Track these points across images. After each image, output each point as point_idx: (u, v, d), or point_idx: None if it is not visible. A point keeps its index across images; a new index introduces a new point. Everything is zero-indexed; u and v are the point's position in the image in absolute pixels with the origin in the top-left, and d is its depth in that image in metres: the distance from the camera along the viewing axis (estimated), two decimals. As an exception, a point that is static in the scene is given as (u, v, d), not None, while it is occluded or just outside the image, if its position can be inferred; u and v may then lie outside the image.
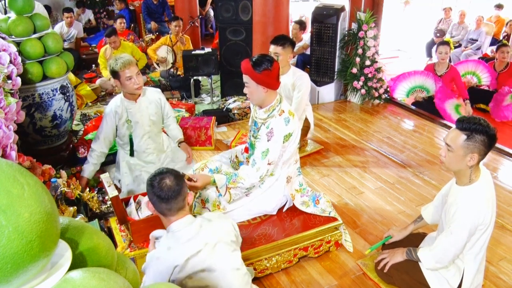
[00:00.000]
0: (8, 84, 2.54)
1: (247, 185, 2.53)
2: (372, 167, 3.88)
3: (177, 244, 1.76)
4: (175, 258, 1.74)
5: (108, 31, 5.83)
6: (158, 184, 1.75)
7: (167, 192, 1.74)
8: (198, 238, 1.78)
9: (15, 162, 1.34)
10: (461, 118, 1.97)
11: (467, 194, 2.02)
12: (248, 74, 2.44)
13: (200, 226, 1.81)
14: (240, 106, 5.00)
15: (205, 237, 1.79)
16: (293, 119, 2.52)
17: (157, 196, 1.75)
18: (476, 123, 1.91)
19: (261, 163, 2.49)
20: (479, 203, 1.99)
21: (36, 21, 3.34)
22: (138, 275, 1.09)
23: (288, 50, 3.59)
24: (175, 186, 1.75)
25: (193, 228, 1.79)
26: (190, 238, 1.76)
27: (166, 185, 1.74)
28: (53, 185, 2.72)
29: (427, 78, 5.00)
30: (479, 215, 1.98)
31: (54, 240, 0.75)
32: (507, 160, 4.05)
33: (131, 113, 3.08)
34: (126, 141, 3.19)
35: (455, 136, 1.96)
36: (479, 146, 1.91)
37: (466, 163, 1.97)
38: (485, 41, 7.75)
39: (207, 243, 1.79)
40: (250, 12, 5.04)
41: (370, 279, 2.54)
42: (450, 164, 2.03)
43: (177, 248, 1.76)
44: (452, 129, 2.01)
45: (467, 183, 2.03)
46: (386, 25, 6.52)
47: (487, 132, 1.90)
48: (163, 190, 1.74)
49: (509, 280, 2.57)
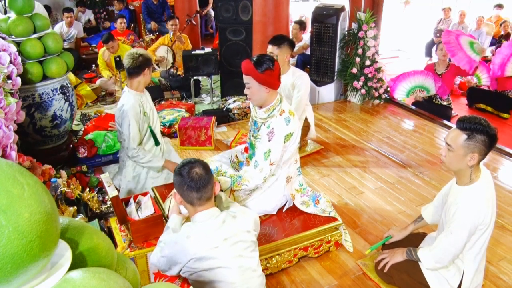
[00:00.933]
0: (8, 84, 2.54)
1: (252, 186, 2.55)
2: (372, 167, 3.88)
3: (197, 234, 1.78)
4: (192, 248, 1.76)
5: (104, 37, 5.69)
6: (188, 173, 1.78)
7: (197, 181, 1.77)
8: (219, 233, 1.79)
9: (15, 162, 1.34)
10: (461, 118, 1.98)
11: (468, 194, 2.02)
12: (251, 75, 2.43)
13: (223, 222, 1.82)
14: (240, 106, 5.00)
15: (226, 233, 1.81)
16: (293, 118, 2.52)
17: (188, 185, 1.77)
18: (477, 123, 1.91)
19: (264, 164, 2.50)
20: (479, 203, 1.99)
21: (36, 21, 3.34)
22: (138, 275, 1.08)
23: (285, 50, 3.58)
24: (205, 175, 1.78)
25: (217, 222, 1.81)
26: (210, 231, 1.78)
27: (197, 173, 1.78)
28: (53, 185, 2.72)
29: (427, 77, 5.00)
30: (479, 215, 1.98)
31: (54, 240, 0.75)
32: (507, 160, 4.05)
33: (143, 104, 3.11)
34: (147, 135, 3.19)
35: (456, 136, 1.96)
36: (480, 146, 1.92)
37: (466, 163, 1.97)
38: (485, 42, 7.74)
39: (226, 239, 1.80)
40: (250, 12, 5.04)
41: (370, 279, 2.54)
42: (450, 163, 2.03)
43: (196, 238, 1.77)
44: (453, 129, 2.01)
45: (468, 183, 2.03)
46: (386, 25, 6.52)
47: (488, 132, 1.90)
48: (194, 178, 1.77)
49: (509, 280, 2.57)
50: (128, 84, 3.05)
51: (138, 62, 2.94)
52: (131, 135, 2.98)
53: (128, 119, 2.95)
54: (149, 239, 2.47)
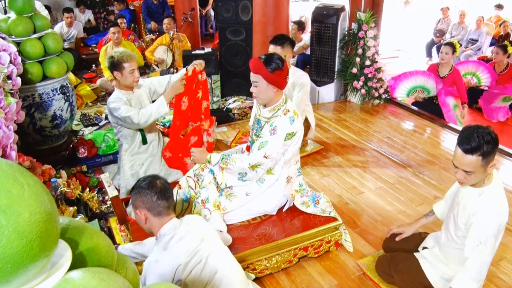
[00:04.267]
0: (8, 84, 2.54)
1: (237, 168, 2.53)
2: (372, 167, 3.88)
3: (171, 244, 1.80)
4: (174, 257, 1.76)
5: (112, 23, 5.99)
6: (151, 185, 1.83)
7: (164, 190, 1.84)
8: (191, 235, 1.83)
9: (15, 162, 1.34)
10: (464, 141, 1.89)
11: (486, 199, 1.99)
12: (260, 74, 2.41)
13: (187, 224, 1.88)
14: (240, 106, 5.00)
15: (198, 233, 1.86)
16: (297, 119, 2.52)
17: (157, 195, 1.82)
18: (479, 138, 1.86)
19: (257, 153, 2.49)
20: (500, 205, 1.97)
21: (36, 21, 3.34)
22: (138, 275, 1.08)
23: (287, 49, 3.58)
24: (167, 184, 1.87)
25: (183, 228, 1.86)
26: (182, 237, 1.82)
27: (161, 183, 1.85)
28: (53, 185, 2.72)
29: (429, 78, 4.99)
30: (502, 216, 1.96)
31: (54, 240, 0.75)
32: (507, 160, 4.05)
33: (132, 102, 3.12)
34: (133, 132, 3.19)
35: (471, 161, 1.89)
36: (492, 153, 1.90)
37: (487, 173, 1.97)
38: (485, 42, 7.74)
39: (202, 238, 1.85)
40: (250, 12, 5.04)
41: (370, 279, 2.53)
42: (472, 182, 1.99)
43: (173, 247, 1.79)
44: (461, 154, 1.90)
45: (482, 185, 2.02)
46: (386, 25, 6.52)
47: (493, 139, 1.88)
48: (161, 188, 1.84)
49: (509, 280, 2.57)
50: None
51: (109, 64, 2.98)
52: (124, 111, 2.90)
53: (116, 105, 2.93)
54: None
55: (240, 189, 2.64)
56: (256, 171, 2.53)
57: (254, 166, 2.51)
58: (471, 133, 1.89)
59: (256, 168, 2.51)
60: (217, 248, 1.94)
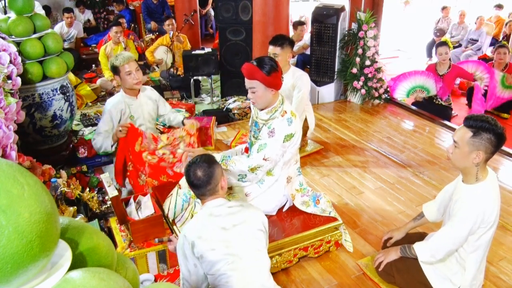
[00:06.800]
0: (8, 84, 2.54)
1: (236, 170, 2.52)
2: (372, 167, 3.88)
3: (206, 216, 1.93)
4: (201, 226, 1.90)
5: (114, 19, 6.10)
6: (188, 173, 1.95)
7: (197, 181, 1.92)
8: (227, 218, 1.92)
9: (15, 162, 1.34)
10: (469, 116, 2.00)
11: (473, 192, 2.03)
12: (257, 79, 2.37)
13: (229, 207, 1.96)
14: (240, 106, 5.00)
15: (234, 220, 1.93)
16: (295, 120, 2.51)
17: (190, 184, 1.97)
18: (484, 121, 1.93)
19: (256, 155, 2.48)
20: (485, 201, 2.00)
21: (36, 21, 3.34)
22: (138, 275, 1.08)
23: (287, 50, 3.58)
24: (203, 176, 1.92)
25: (223, 209, 1.94)
26: (218, 215, 1.92)
27: (194, 174, 1.92)
28: (53, 185, 2.72)
29: (428, 78, 4.99)
30: (484, 213, 1.99)
31: (54, 240, 0.75)
32: (507, 160, 4.05)
33: (133, 108, 3.16)
34: None
35: (462, 133, 1.98)
36: (485, 143, 1.93)
37: (471, 161, 1.98)
38: (485, 42, 7.74)
39: (235, 224, 1.91)
40: (250, 12, 5.04)
41: (370, 279, 2.53)
42: (456, 160, 2.05)
43: (205, 219, 1.93)
44: (460, 126, 2.04)
45: (474, 182, 2.04)
46: (386, 25, 6.51)
47: (494, 130, 1.91)
48: (192, 179, 1.94)
49: (509, 280, 2.57)
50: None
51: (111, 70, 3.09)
52: (99, 125, 3.12)
53: (104, 113, 3.10)
54: (149, 239, 2.47)
55: (240, 189, 2.64)
56: (256, 173, 2.53)
57: (253, 169, 2.50)
58: (482, 115, 1.99)
59: (255, 171, 2.51)
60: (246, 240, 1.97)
